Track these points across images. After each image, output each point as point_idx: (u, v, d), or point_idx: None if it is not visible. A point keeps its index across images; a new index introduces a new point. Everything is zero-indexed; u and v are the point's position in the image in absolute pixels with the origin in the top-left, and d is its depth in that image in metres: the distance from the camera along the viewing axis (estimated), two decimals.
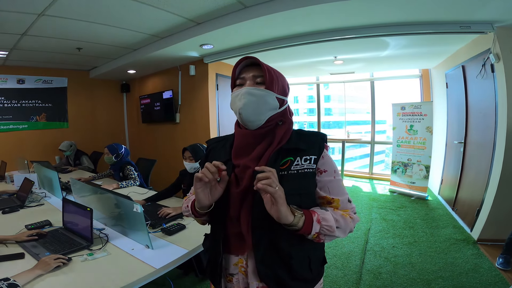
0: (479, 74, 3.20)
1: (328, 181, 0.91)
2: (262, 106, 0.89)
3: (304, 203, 0.88)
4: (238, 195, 0.89)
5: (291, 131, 0.95)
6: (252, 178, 0.85)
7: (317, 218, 0.84)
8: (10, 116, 4.85)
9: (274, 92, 0.90)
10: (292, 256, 0.89)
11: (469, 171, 3.60)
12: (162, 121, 5.41)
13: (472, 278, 2.43)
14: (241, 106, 0.88)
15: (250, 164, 0.89)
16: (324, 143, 0.94)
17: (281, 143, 0.91)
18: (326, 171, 0.91)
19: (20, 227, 1.90)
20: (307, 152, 0.90)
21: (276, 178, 0.79)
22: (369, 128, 6.24)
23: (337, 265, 2.73)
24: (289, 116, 0.97)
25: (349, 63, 4.86)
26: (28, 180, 2.55)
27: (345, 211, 0.93)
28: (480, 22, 2.83)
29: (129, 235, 1.75)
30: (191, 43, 3.59)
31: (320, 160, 0.91)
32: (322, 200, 0.93)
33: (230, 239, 0.95)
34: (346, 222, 0.90)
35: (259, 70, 0.91)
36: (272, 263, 0.89)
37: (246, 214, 0.89)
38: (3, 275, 1.20)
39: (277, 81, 0.92)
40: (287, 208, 0.81)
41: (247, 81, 0.91)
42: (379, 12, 2.70)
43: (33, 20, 2.83)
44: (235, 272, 0.96)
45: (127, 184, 3.08)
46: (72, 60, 4.66)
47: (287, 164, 0.89)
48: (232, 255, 0.96)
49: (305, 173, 0.89)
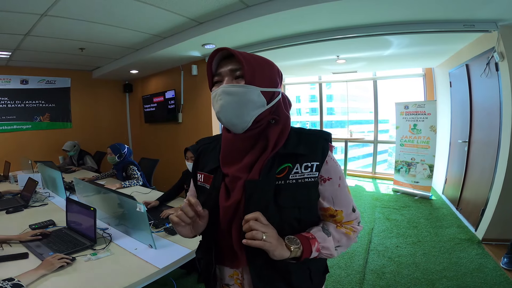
0: (483, 72, 3.18)
1: (332, 191, 0.81)
2: (244, 105, 0.74)
3: (304, 216, 0.80)
4: (228, 209, 0.78)
5: (289, 129, 0.81)
6: (243, 190, 0.76)
7: (317, 248, 0.76)
8: (14, 116, 4.88)
9: (258, 85, 0.75)
10: (290, 271, 0.80)
11: (474, 170, 3.57)
12: (164, 121, 5.42)
13: (476, 278, 2.42)
14: (219, 110, 0.76)
15: (241, 174, 0.77)
16: (328, 145, 0.81)
17: (278, 147, 0.78)
18: (330, 179, 0.80)
19: (24, 227, 1.91)
20: (308, 157, 0.78)
21: (262, 223, 0.71)
22: (371, 128, 6.22)
23: (340, 265, 2.72)
24: (284, 111, 0.82)
25: (352, 62, 4.84)
26: (32, 180, 2.57)
27: (349, 222, 0.86)
28: (484, 21, 2.81)
29: (132, 234, 1.75)
30: (193, 43, 3.59)
31: (324, 166, 0.79)
32: (324, 212, 0.84)
33: (223, 250, 0.85)
34: (349, 240, 0.84)
35: (237, 61, 0.76)
36: (270, 279, 0.80)
37: (237, 230, 0.77)
38: (7, 275, 1.20)
39: (261, 72, 0.76)
40: (281, 249, 0.72)
41: (224, 78, 0.77)
42: (382, 11, 2.68)
43: (36, 20, 2.84)
44: (231, 283, 0.88)
45: (130, 184, 3.08)
46: (75, 60, 4.68)
47: (285, 172, 0.77)
48: (227, 267, 0.87)
49: (306, 182, 0.77)
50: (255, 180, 0.75)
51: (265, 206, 0.75)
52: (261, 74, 0.76)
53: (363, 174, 6.35)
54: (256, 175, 0.76)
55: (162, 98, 5.29)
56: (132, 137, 6.70)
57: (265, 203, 0.75)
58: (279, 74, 0.84)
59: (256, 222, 0.70)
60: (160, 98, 5.34)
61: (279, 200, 0.76)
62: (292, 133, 0.81)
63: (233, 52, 0.75)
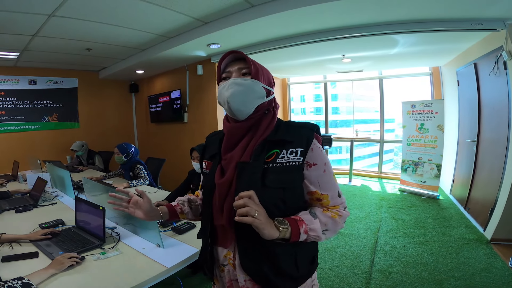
0: (491, 71, 3.14)
1: (318, 175, 0.89)
2: (250, 94, 0.89)
3: (288, 198, 0.87)
4: (221, 186, 0.90)
5: (275, 121, 0.95)
6: (235, 170, 0.88)
7: (305, 229, 0.83)
8: (22, 116, 4.95)
9: (261, 82, 0.91)
10: (276, 253, 0.88)
11: (482, 170, 3.53)
12: (170, 120, 5.45)
13: (485, 278, 2.39)
14: (229, 95, 0.88)
15: (235, 155, 0.90)
16: (313, 134, 0.90)
17: (266, 133, 0.91)
18: (315, 164, 0.89)
19: (34, 226, 1.94)
20: (293, 144, 0.88)
21: (254, 202, 0.79)
22: (377, 127, 6.17)
23: (346, 265, 2.71)
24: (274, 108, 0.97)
25: (358, 61, 4.81)
26: (41, 180, 2.60)
27: (335, 207, 0.92)
28: (492, 19, 2.78)
29: (140, 234, 1.77)
30: (199, 43, 3.60)
31: (309, 152, 0.88)
32: (311, 196, 0.91)
33: (216, 229, 0.98)
34: (335, 224, 0.90)
35: (244, 63, 0.92)
36: (256, 258, 0.89)
37: (229, 206, 0.87)
38: (17, 274, 1.21)
39: (262, 73, 0.93)
40: (271, 228, 0.79)
41: (233, 74, 0.92)
42: (388, 10, 2.66)
43: (43, 21, 2.88)
44: (225, 263, 0.98)
45: (137, 183, 3.11)
46: (82, 60, 4.73)
47: (273, 157, 0.88)
48: (221, 247, 0.98)
49: (290, 166, 0.86)
50: (246, 162, 0.88)
51: (253, 185, 0.84)
52: (262, 74, 0.93)
53: (369, 173, 6.31)
54: (248, 157, 0.88)
55: (168, 98, 5.31)
56: (138, 137, 6.74)
57: (253, 182, 0.85)
58: (273, 79, 1.00)
59: (249, 200, 0.78)
60: (166, 98, 5.37)
61: (266, 180, 0.85)
62: (282, 125, 0.95)
63: (244, 56, 0.92)
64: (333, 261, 2.78)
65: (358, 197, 4.77)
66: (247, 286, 0.94)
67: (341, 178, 6.04)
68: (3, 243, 1.63)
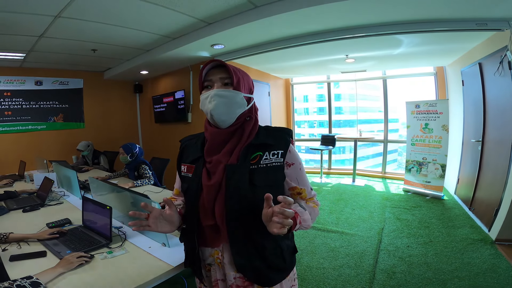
0: (496, 71, 3.12)
1: (296, 173, 1.00)
2: (232, 105, 0.95)
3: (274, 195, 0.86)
4: (211, 188, 0.95)
5: (257, 126, 1.03)
6: (224, 172, 0.94)
7: (299, 220, 0.89)
8: (29, 117, 5.00)
9: (241, 91, 0.97)
10: (265, 246, 0.96)
11: (487, 170, 3.51)
12: (174, 121, 5.47)
13: (489, 278, 2.38)
14: (212, 108, 0.94)
15: (222, 159, 0.96)
16: (289, 138, 1.01)
17: (250, 138, 0.98)
18: (293, 164, 0.99)
19: (41, 225, 1.96)
20: (274, 147, 0.97)
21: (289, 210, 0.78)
22: (381, 127, 6.16)
23: (350, 264, 2.71)
24: (255, 113, 1.04)
25: (361, 61, 4.81)
26: (48, 179, 2.63)
27: (310, 199, 1.05)
28: (497, 20, 2.78)
29: (146, 233, 1.78)
30: (202, 43, 3.61)
31: (288, 154, 0.98)
32: (292, 191, 1.02)
33: (205, 231, 1.01)
34: (315, 213, 1.02)
35: (225, 71, 0.96)
36: (248, 254, 0.95)
37: (221, 206, 0.94)
38: (26, 273, 1.23)
39: (243, 81, 0.98)
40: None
41: (215, 83, 0.97)
42: (392, 10, 2.66)
43: (49, 22, 2.91)
44: (212, 262, 1.03)
45: (142, 183, 3.13)
46: (87, 61, 4.77)
47: (257, 159, 0.96)
48: (208, 247, 1.03)
49: (274, 166, 0.96)
50: (234, 164, 0.94)
51: (242, 185, 0.92)
52: (243, 83, 0.98)
53: (372, 174, 6.30)
54: (235, 160, 0.95)
55: (172, 98, 5.34)
56: (142, 137, 6.78)
57: (242, 183, 0.92)
58: (252, 83, 1.06)
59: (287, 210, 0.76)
60: (170, 98, 5.39)
61: (254, 180, 0.93)
62: (262, 129, 1.03)
63: (225, 64, 0.95)
64: (337, 261, 2.79)
65: (362, 197, 4.77)
66: (236, 283, 0.99)
67: (344, 178, 6.03)
68: (11, 242, 1.65)
